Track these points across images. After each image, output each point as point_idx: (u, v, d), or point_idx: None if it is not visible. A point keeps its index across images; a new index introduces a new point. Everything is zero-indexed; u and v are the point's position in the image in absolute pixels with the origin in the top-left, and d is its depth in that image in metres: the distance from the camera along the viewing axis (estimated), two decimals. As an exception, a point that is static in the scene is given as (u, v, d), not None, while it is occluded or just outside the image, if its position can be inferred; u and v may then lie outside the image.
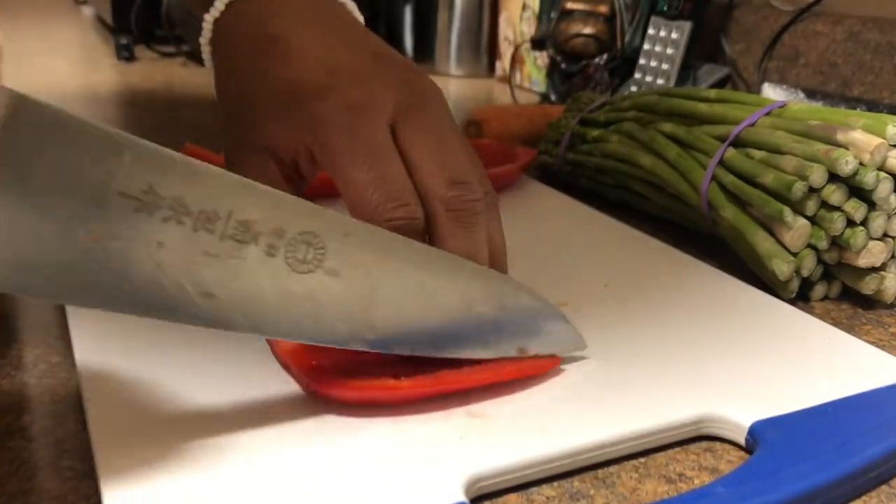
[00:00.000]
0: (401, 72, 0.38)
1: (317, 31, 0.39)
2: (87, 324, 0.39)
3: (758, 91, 0.87)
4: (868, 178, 0.45)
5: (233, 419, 0.33)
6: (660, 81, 0.90)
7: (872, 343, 0.42)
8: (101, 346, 0.37)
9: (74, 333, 0.38)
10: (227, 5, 0.41)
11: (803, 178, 0.46)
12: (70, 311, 0.40)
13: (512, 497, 0.30)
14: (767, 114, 0.52)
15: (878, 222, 0.46)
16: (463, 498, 0.28)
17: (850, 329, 0.44)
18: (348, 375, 0.34)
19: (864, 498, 0.32)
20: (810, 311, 0.46)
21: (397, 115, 0.36)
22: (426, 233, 0.35)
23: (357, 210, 0.35)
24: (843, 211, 0.46)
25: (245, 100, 0.39)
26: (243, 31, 0.40)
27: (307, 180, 0.40)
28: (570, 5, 0.97)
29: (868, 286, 0.47)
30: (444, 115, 0.38)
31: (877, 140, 0.46)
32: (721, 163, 0.51)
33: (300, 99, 0.36)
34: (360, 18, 0.43)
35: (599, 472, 0.32)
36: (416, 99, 0.37)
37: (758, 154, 0.50)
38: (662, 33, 0.90)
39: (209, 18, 0.42)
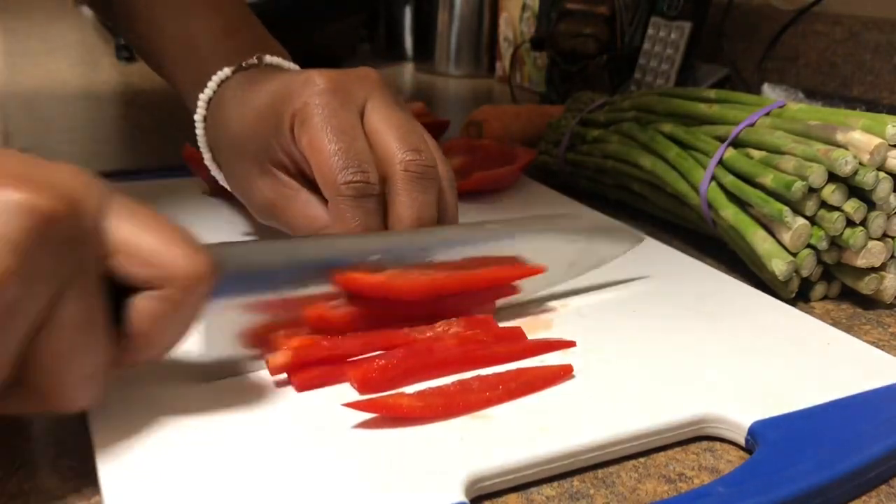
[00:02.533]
0: (364, 72, 0.44)
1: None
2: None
3: (757, 91, 0.87)
4: (868, 178, 0.45)
5: (232, 419, 0.33)
6: (660, 81, 0.90)
7: (872, 343, 0.42)
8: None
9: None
10: (219, 84, 0.47)
11: (803, 178, 0.46)
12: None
13: (512, 497, 0.30)
14: (767, 114, 0.52)
15: (877, 222, 0.46)
16: (463, 498, 0.28)
17: (849, 329, 0.44)
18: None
19: (863, 498, 0.32)
20: (810, 311, 0.46)
21: (366, 101, 0.42)
22: (381, 201, 0.41)
23: (322, 175, 0.40)
24: (842, 211, 0.46)
25: (235, 135, 0.45)
26: (230, 93, 0.47)
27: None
28: (570, 5, 0.97)
29: (867, 286, 0.47)
30: (403, 104, 0.44)
31: (876, 140, 0.46)
32: (721, 163, 0.51)
33: (286, 94, 0.42)
34: None
35: (599, 472, 0.32)
36: (380, 89, 0.43)
37: (757, 154, 0.50)
38: (662, 33, 0.90)
39: (203, 97, 0.48)
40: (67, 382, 0.28)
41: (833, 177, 0.46)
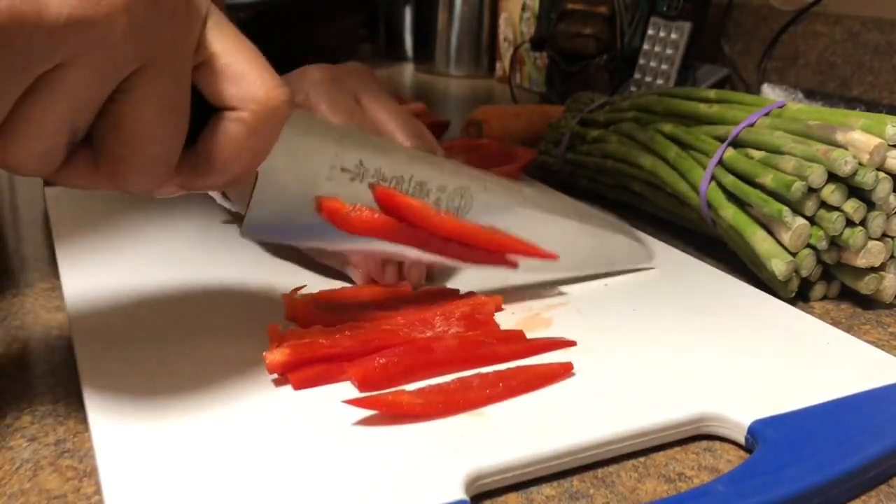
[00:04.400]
0: (354, 66, 0.49)
1: None
2: (90, 324, 0.39)
3: (757, 91, 0.87)
4: (867, 178, 0.45)
5: (233, 418, 0.33)
6: (659, 81, 0.90)
7: (872, 343, 0.42)
8: (103, 347, 0.37)
9: (76, 334, 0.38)
10: None
11: (802, 178, 0.46)
12: (72, 311, 0.40)
13: (512, 496, 0.30)
14: (767, 114, 0.52)
15: (877, 222, 0.46)
16: (463, 496, 0.28)
17: (849, 329, 0.44)
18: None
19: (863, 497, 0.32)
20: (810, 311, 0.46)
21: (358, 93, 0.47)
22: None
23: None
24: (842, 211, 0.46)
25: None
26: None
27: None
28: (570, 5, 0.97)
29: (867, 286, 0.47)
30: (392, 97, 0.49)
31: (876, 140, 0.46)
32: (720, 163, 0.51)
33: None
34: None
35: (599, 471, 0.32)
36: (371, 82, 0.48)
37: (757, 154, 0.50)
38: (662, 33, 0.90)
39: None
40: (138, 158, 0.28)
41: (833, 177, 0.46)
